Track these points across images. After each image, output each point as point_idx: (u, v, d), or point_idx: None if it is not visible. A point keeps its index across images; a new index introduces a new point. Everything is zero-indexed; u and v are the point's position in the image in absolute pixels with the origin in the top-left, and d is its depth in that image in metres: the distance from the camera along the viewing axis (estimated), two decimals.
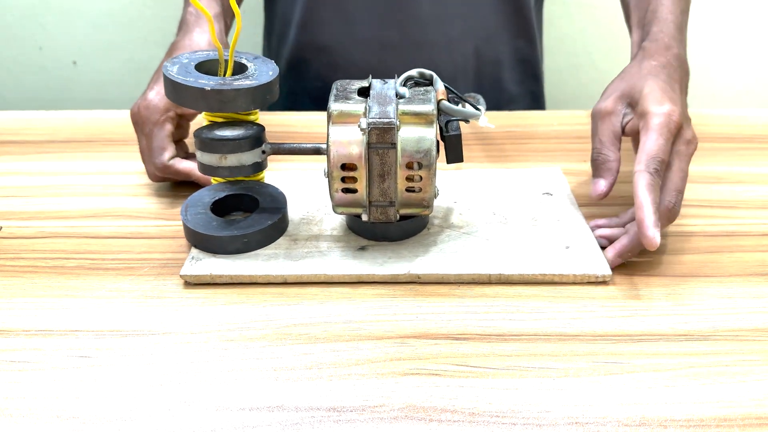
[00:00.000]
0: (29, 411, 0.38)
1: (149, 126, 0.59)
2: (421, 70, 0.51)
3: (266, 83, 0.48)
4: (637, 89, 0.53)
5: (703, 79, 1.16)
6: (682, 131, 0.50)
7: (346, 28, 0.82)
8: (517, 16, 0.85)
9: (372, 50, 0.83)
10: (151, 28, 1.12)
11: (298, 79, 0.88)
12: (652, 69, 0.55)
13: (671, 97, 0.52)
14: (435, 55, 0.83)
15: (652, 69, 0.55)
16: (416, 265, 0.49)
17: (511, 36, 0.86)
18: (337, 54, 0.84)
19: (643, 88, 0.53)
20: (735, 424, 0.37)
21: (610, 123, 0.54)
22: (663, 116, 0.49)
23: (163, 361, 0.42)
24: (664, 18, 0.61)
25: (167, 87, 0.48)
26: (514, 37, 0.86)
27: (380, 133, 0.45)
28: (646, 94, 0.52)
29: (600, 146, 0.54)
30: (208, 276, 0.48)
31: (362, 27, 0.82)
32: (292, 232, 0.53)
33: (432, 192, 0.48)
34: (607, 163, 0.53)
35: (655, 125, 0.49)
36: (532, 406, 0.38)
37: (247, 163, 0.49)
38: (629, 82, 0.55)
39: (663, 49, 0.58)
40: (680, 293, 0.47)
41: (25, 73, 1.15)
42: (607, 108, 0.54)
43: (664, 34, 0.59)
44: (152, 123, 0.59)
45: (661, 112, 0.50)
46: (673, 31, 0.60)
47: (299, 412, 0.38)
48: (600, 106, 0.55)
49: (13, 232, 0.55)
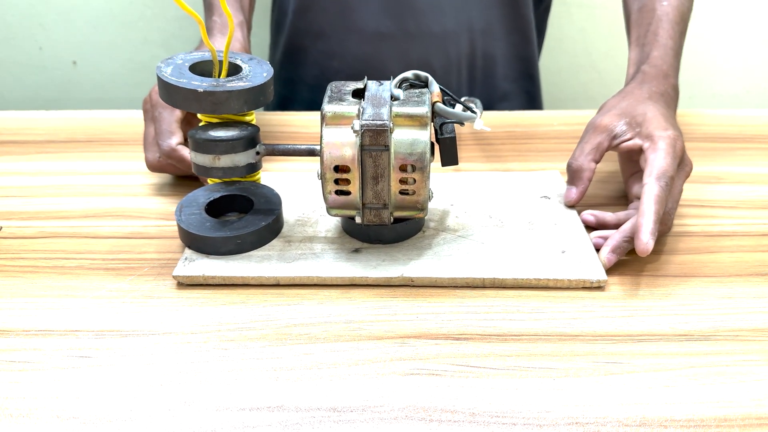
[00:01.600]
0: (29, 411, 0.38)
1: (159, 109, 0.59)
2: (416, 72, 0.51)
3: (259, 85, 0.48)
4: (639, 111, 0.56)
5: (703, 79, 1.16)
6: (684, 156, 0.53)
7: (343, 15, 0.83)
8: (513, 11, 0.85)
9: (367, 39, 0.83)
10: (151, 28, 1.12)
11: (295, 67, 0.89)
12: (653, 95, 0.58)
13: (672, 124, 0.55)
14: (429, 46, 0.84)
15: (652, 95, 0.58)
16: (410, 268, 0.49)
17: (507, 32, 0.86)
18: (333, 41, 0.85)
19: (647, 112, 0.55)
20: (735, 424, 0.37)
21: (601, 137, 0.56)
22: (670, 139, 0.52)
23: (163, 361, 0.42)
24: (664, 44, 0.63)
25: (161, 88, 0.48)
26: (509, 33, 0.87)
27: (373, 136, 0.45)
28: (650, 117, 0.55)
29: (580, 154, 0.56)
30: (200, 277, 0.48)
31: (358, 15, 0.83)
32: (286, 233, 0.53)
33: (426, 194, 0.47)
34: (583, 172, 0.56)
35: (664, 146, 0.52)
36: (532, 406, 0.38)
37: (240, 164, 0.49)
38: (630, 102, 0.57)
39: (662, 77, 0.61)
40: (680, 293, 0.47)
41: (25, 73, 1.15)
42: (604, 123, 0.56)
43: (664, 62, 0.62)
44: (162, 106, 0.58)
45: (667, 135, 0.52)
46: (672, 59, 0.63)
47: (299, 412, 0.38)
48: (598, 120, 0.57)
49: (13, 232, 0.55)
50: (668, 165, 0.51)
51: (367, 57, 0.84)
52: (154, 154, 0.59)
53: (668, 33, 0.64)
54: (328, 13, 0.83)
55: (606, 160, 0.66)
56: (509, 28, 0.86)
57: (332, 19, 0.84)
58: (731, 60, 1.15)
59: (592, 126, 0.57)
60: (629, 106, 0.57)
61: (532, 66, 0.90)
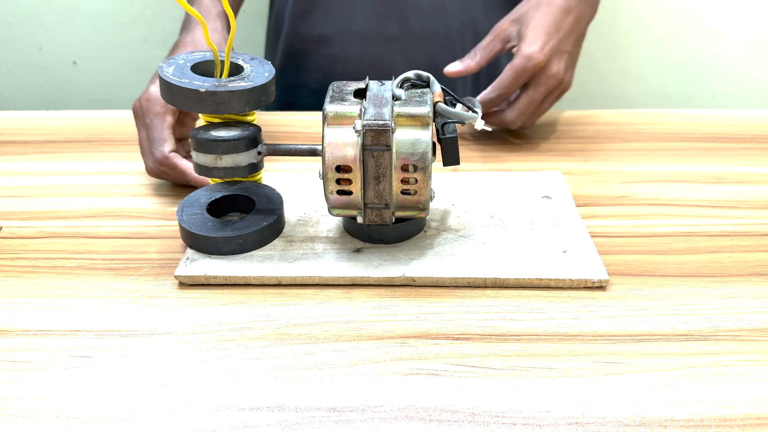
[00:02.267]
0: (29, 411, 0.38)
1: (150, 117, 0.58)
2: (418, 72, 0.51)
3: (261, 85, 0.48)
4: (527, 20, 0.64)
5: (703, 79, 1.16)
6: (544, 70, 0.60)
7: (345, 18, 0.82)
8: None
9: (370, 42, 0.83)
10: (151, 28, 1.12)
11: (297, 72, 0.88)
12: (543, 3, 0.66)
13: (547, 40, 0.62)
14: (433, 49, 0.83)
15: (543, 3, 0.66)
16: (411, 268, 0.49)
17: None
18: (336, 45, 0.84)
19: (530, 21, 0.63)
20: (735, 424, 0.37)
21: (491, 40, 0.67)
22: (523, 56, 0.59)
23: (163, 361, 0.42)
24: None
25: (162, 87, 0.48)
26: None
27: (375, 135, 0.45)
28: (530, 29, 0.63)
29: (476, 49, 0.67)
30: (202, 277, 0.48)
31: (361, 18, 0.82)
32: (288, 233, 0.53)
33: (427, 194, 0.47)
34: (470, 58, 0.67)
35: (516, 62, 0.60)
36: (532, 406, 0.38)
37: (242, 164, 0.49)
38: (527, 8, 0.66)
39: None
40: (680, 293, 0.47)
41: (25, 73, 1.15)
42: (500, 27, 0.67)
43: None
44: (153, 114, 0.58)
45: (524, 53, 0.60)
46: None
47: (299, 412, 0.38)
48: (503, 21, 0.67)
49: (13, 232, 0.55)
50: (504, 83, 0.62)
51: (371, 60, 0.83)
52: (152, 162, 0.59)
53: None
54: (329, 16, 0.83)
55: (605, 161, 0.66)
56: None
57: (334, 22, 0.83)
58: (731, 60, 1.15)
59: (494, 27, 0.67)
60: (524, 13, 0.65)
61: None
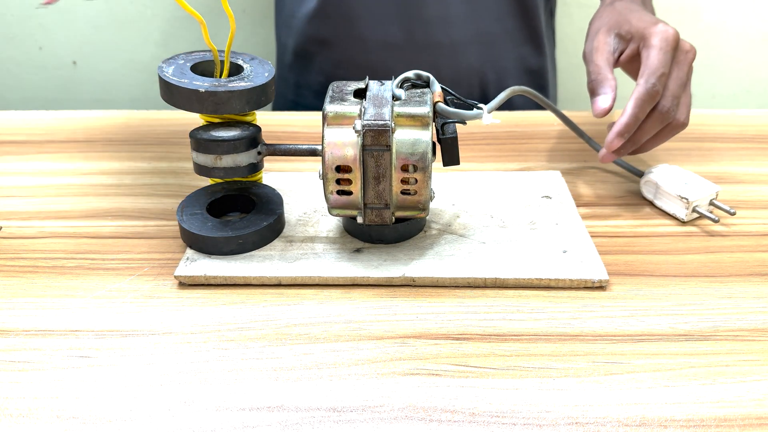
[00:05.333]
0: (29, 411, 0.38)
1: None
2: (418, 72, 0.51)
3: (261, 85, 0.48)
4: (623, 20, 0.59)
5: (703, 79, 1.16)
6: (681, 43, 0.55)
7: (350, 24, 0.82)
8: (524, 22, 0.84)
9: (374, 49, 0.82)
10: (151, 28, 1.12)
11: (302, 72, 0.88)
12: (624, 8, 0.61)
13: (659, 20, 0.57)
14: (438, 57, 0.83)
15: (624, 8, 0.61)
16: (411, 268, 0.49)
17: (517, 43, 0.85)
18: (338, 50, 0.84)
19: (630, 19, 0.58)
20: (735, 424, 0.37)
21: (603, 53, 0.58)
22: (661, 33, 0.54)
23: (163, 361, 0.42)
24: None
25: (162, 87, 0.48)
26: (521, 44, 0.85)
27: (375, 136, 0.45)
28: (636, 21, 0.57)
29: (597, 69, 0.57)
30: (202, 277, 0.48)
31: (364, 24, 0.81)
32: (288, 233, 0.53)
33: (427, 194, 0.47)
34: (608, 81, 0.56)
35: (657, 41, 0.54)
36: (532, 406, 0.38)
37: (242, 164, 0.49)
38: (611, 18, 0.60)
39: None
40: (680, 293, 0.47)
41: (25, 73, 1.15)
42: (599, 43, 0.58)
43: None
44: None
45: (659, 30, 0.54)
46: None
47: (299, 412, 0.38)
48: (590, 44, 0.59)
49: (13, 232, 0.55)
50: (659, 62, 0.52)
51: (374, 66, 0.83)
52: None
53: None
54: (335, 21, 0.82)
55: None
56: (520, 39, 0.85)
57: (337, 27, 0.82)
58: (731, 60, 1.15)
59: (590, 51, 0.59)
60: (612, 22, 0.59)
61: (543, 77, 0.89)
